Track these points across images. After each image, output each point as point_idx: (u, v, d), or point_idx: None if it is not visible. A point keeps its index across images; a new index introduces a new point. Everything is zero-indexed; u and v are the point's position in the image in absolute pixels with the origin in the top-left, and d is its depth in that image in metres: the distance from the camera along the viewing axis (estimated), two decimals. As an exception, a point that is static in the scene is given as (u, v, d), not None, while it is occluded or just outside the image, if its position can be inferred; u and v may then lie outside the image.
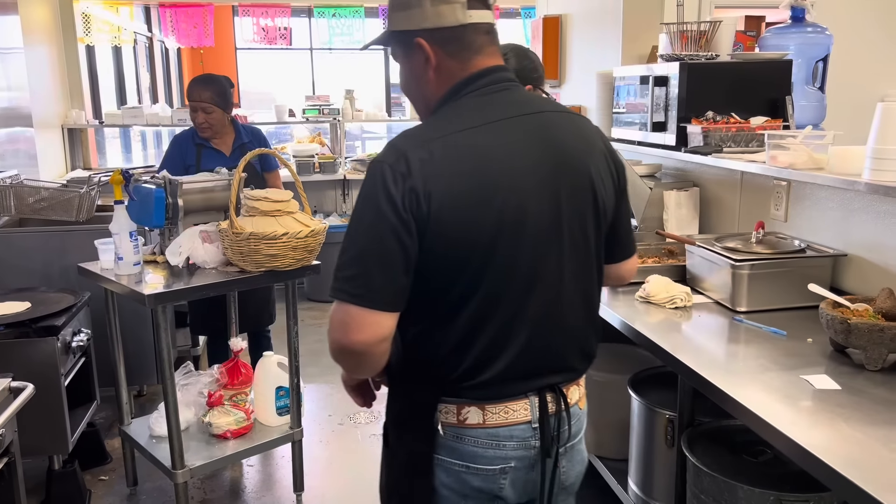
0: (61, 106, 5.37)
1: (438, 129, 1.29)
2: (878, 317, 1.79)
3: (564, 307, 1.35)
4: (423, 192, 1.21)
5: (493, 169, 1.26)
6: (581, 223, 1.35)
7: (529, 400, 1.34)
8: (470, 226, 1.24)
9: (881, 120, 1.87)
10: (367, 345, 1.25)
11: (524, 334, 1.31)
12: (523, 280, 1.29)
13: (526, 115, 1.33)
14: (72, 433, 2.84)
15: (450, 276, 1.26)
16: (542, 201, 1.29)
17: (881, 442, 1.42)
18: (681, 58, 2.86)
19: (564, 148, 1.33)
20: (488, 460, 1.34)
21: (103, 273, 2.71)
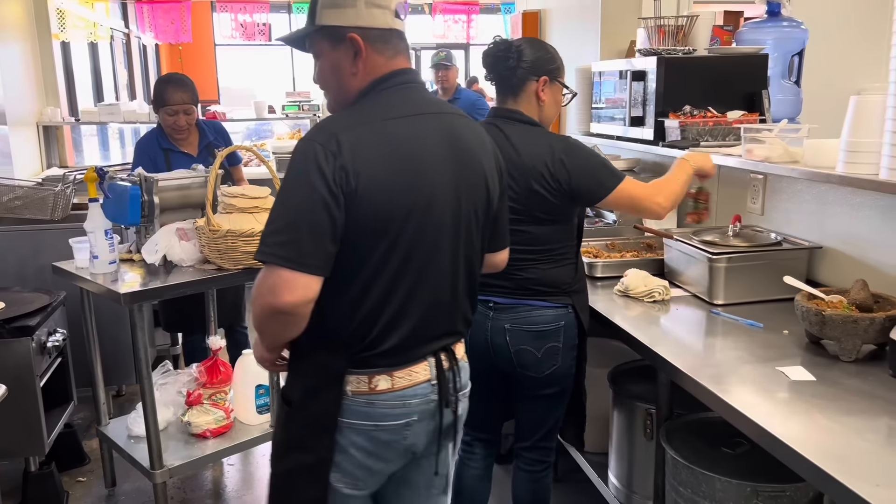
0: (36, 103, 5.29)
1: (365, 116, 1.44)
2: (851, 308, 1.80)
3: (456, 282, 1.54)
4: (352, 171, 1.36)
5: (411, 156, 1.43)
6: (475, 212, 1.54)
7: (428, 361, 1.53)
8: (389, 204, 1.40)
9: (854, 113, 1.88)
10: (296, 305, 1.36)
11: (423, 305, 1.48)
12: (425, 258, 1.46)
13: (433, 113, 1.51)
14: (48, 434, 2.80)
15: (368, 248, 1.41)
16: (447, 191, 1.47)
17: (855, 432, 1.43)
18: (658, 52, 2.87)
19: (464, 146, 1.51)
20: (395, 417, 1.51)
21: (78, 272, 2.67)
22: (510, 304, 2.09)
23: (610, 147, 3.32)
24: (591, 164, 2.05)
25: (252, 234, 2.51)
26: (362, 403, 1.48)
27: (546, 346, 2.08)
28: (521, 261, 2.05)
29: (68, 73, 5.97)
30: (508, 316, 2.09)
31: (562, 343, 2.09)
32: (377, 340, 1.45)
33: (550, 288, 2.09)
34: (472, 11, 8.46)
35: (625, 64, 3.10)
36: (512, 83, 2.10)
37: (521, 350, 2.09)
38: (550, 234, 2.08)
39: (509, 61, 2.07)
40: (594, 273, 2.55)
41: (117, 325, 3.45)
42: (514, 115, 2.11)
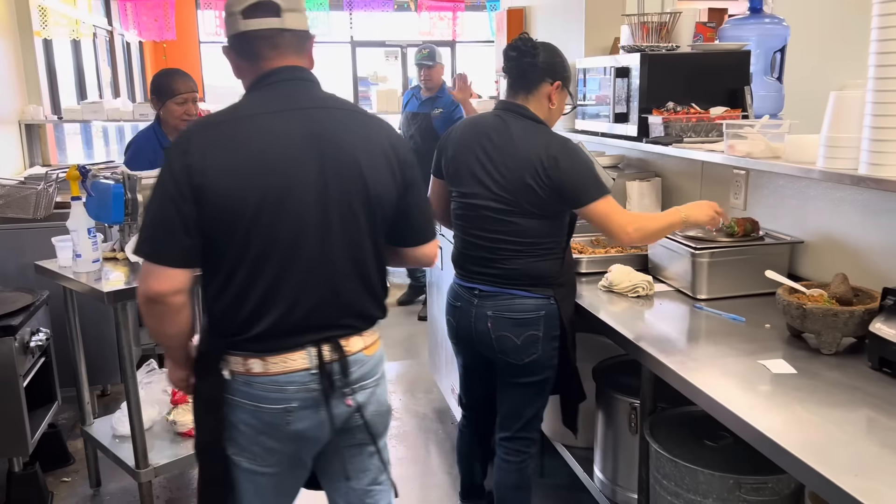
0: (18, 101, 5.24)
1: (227, 115, 1.56)
2: (832, 301, 1.82)
3: (333, 275, 1.59)
4: (198, 168, 1.46)
5: (261, 151, 1.51)
6: (349, 205, 1.58)
7: (307, 351, 1.58)
8: (236, 198, 1.48)
9: (834, 109, 1.90)
10: (163, 294, 1.50)
11: (291, 294, 1.55)
12: (286, 249, 1.53)
13: (304, 108, 1.57)
14: (32, 434, 2.78)
15: (224, 239, 1.51)
16: (308, 183, 1.53)
17: (835, 424, 1.45)
18: (642, 49, 2.89)
19: (334, 140, 1.56)
20: (273, 401, 1.59)
21: (61, 271, 2.65)
22: (493, 292, 2.18)
23: (595, 144, 3.33)
24: (582, 170, 2.10)
25: (237, 231, 2.50)
26: (241, 383, 1.59)
27: (526, 334, 2.16)
28: (508, 251, 2.16)
29: (51, 71, 5.91)
30: (491, 303, 2.18)
31: (542, 332, 2.17)
32: (246, 326, 1.55)
33: (534, 279, 2.17)
34: (458, 8, 8.46)
35: (609, 60, 3.11)
36: (529, 80, 2.17)
37: (501, 336, 2.18)
38: (538, 227, 2.14)
39: (533, 58, 2.14)
40: (579, 269, 2.56)
41: (101, 324, 3.43)
42: (522, 110, 2.18)
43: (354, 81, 8.64)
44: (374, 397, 1.71)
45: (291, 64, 1.60)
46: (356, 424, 1.70)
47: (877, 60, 1.70)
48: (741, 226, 2.31)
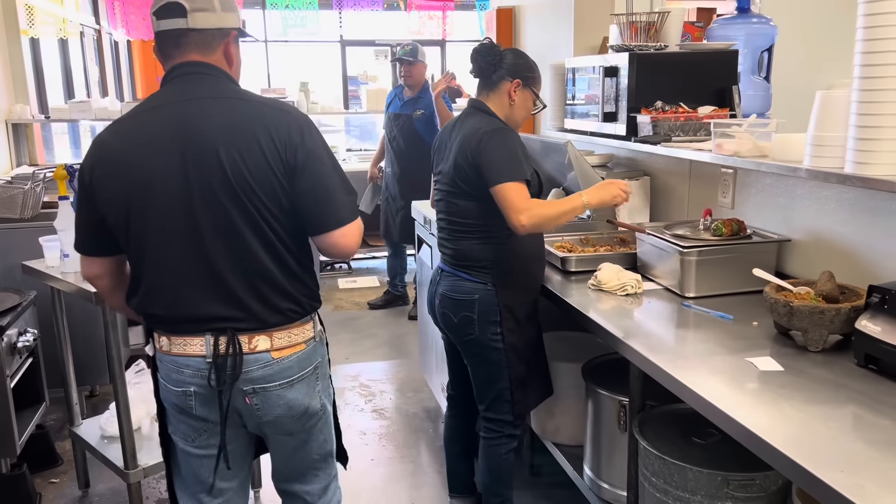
0: (5, 101, 5.20)
1: (122, 117, 1.69)
2: (818, 299, 1.84)
3: (211, 265, 1.62)
4: (87, 168, 1.63)
5: (131, 148, 1.60)
6: (213, 194, 1.60)
7: (205, 338, 1.64)
8: (111, 192, 1.62)
9: (820, 108, 1.91)
10: (88, 278, 1.81)
11: (172, 283, 1.64)
12: (159, 239, 1.62)
13: (179, 102, 1.63)
14: (19, 436, 2.77)
15: (115, 230, 1.66)
16: (171, 175, 1.59)
17: (820, 420, 1.46)
18: (630, 48, 2.90)
19: (196, 131, 1.59)
20: (175, 382, 1.70)
21: (49, 271, 2.64)
22: (448, 272, 2.43)
23: (584, 143, 3.34)
24: (501, 153, 2.22)
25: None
26: (160, 360, 1.74)
27: (461, 314, 2.37)
28: (454, 232, 2.39)
29: (38, 70, 5.87)
30: (445, 283, 2.43)
31: (476, 315, 2.34)
32: (144, 305, 1.69)
33: (473, 262, 2.36)
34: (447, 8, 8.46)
35: (598, 60, 3.12)
36: (490, 78, 2.37)
37: (444, 313, 2.44)
38: (474, 209, 2.31)
39: (493, 57, 2.34)
40: (568, 267, 2.57)
41: (90, 324, 3.42)
42: (480, 105, 2.38)
43: (344, 80, 8.62)
44: (280, 400, 1.71)
45: (192, 60, 1.66)
46: (264, 421, 1.73)
47: (862, 60, 1.71)
48: (728, 226, 2.33)
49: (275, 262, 1.66)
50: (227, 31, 1.69)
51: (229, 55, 1.71)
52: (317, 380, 1.79)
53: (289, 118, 1.66)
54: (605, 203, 2.30)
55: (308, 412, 1.79)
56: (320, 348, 1.82)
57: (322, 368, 1.82)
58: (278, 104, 1.71)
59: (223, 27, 1.68)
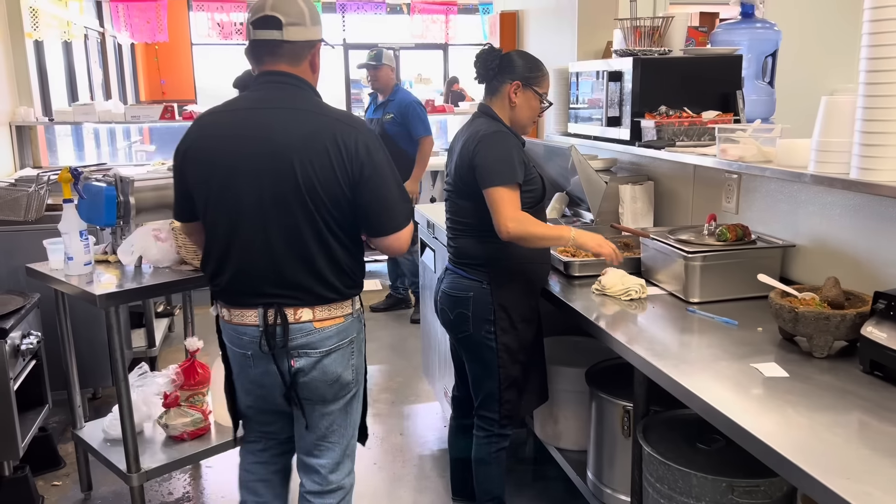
0: (9, 103, 5.21)
1: (217, 108, 1.96)
2: (824, 305, 1.83)
3: (272, 254, 1.87)
4: (184, 148, 1.92)
5: (222, 139, 1.87)
6: (283, 195, 1.83)
7: (258, 311, 1.91)
8: (197, 177, 1.91)
9: (825, 113, 1.91)
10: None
11: (236, 264, 1.91)
12: (230, 223, 1.88)
13: (266, 108, 1.87)
14: (22, 438, 2.77)
15: (198, 207, 1.95)
16: (249, 172, 1.84)
17: (826, 427, 1.46)
18: (634, 53, 2.90)
19: (278, 138, 1.83)
20: (237, 345, 2.00)
21: (53, 274, 2.64)
22: (450, 270, 2.47)
23: (587, 147, 3.34)
24: (496, 156, 2.24)
25: (229, 234, 2.50)
26: (221, 325, 2.05)
27: (456, 311, 2.41)
28: (455, 230, 2.44)
29: (42, 73, 5.89)
30: (447, 280, 2.48)
31: (471, 313, 2.37)
32: (212, 275, 1.97)
33: (470, 259, 2.39)
34: (451, 12, 8.46)
35: (601, 64, 3.12)
36: (491, 83, 2.40)
37: (442, 309, 2.49)
38: (472, 208, 2.34)
39: (491, 62, 2.36)
40: (571, 272, 2.56)
41: (93, 327, 3.42)
42: (486, 109, 2.40)
43: (347, 84, 8.63)
44: (318, 365, 1.96)
45: (280, 69, 1.89)
46: (302, 382, 1.97)
47: (867, 66, 1.71)
48: (732, 231, 2.33)
49: (326, 260, 1.90)
50: (314, 42, 1.93)
51: (314, 64, 1.97)
52: (352, 353, 2.02)
53: (357, 134, 1.87)
54: (589, 249, 2.33)
55: (340, 381, 2.01)
56: (357, 324, 2.04)
57: (357, 344, 2.04)
58: (349, 119, 1.92)
59: (311, 39, 1.92)
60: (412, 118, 4.80)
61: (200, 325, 4.92)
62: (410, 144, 4.82)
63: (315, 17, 1.93)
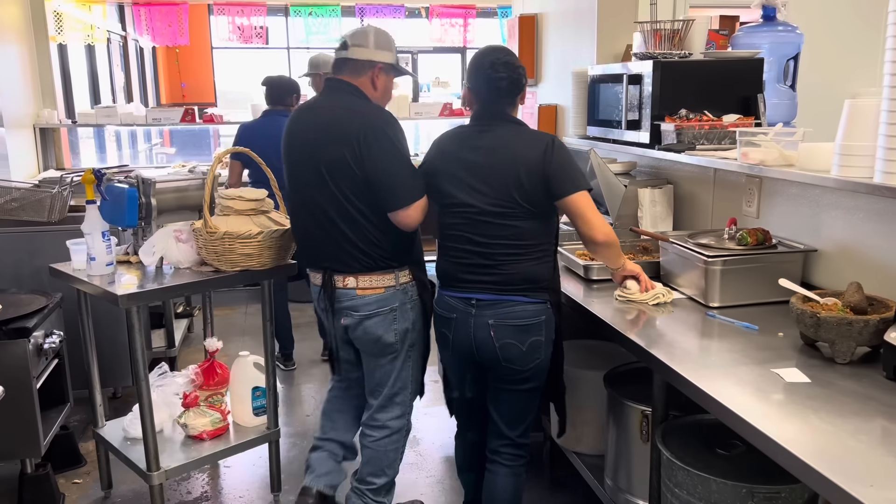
0: (33, 105, 5.29)
1: (308, 101, 2.52)
2: (846, 311, 1.81)
3: (323, 222, 2.33)
4: (285, 132, 2.43)
5: (301, 130, 2.37)
6: (315, 179, 2.29)
7: (319, 274, 2.40)
8: (285, 156, 2.41)
9: (848, 117, 1.89)
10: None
11: (299, 233, 2.47)
12: (299, 203, 2.40)
13: (328, 108, 2.34)
14: (44, 436, 2.80)
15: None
16: (312, 158, 2.30)
17: (849, 433, 1.44)
18: (654, 56, 2.89)
19: (334, 135, 2.26)
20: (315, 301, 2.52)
21: (75, 274, 2.67)
22: (493, 300, 2.18)
23: (607, 150, 3.33)
24: (571, 159, 2.16)
25: (249, 236, 2.52)
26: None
27: (530, 340, 2.18)
28: (506, 255, 2.17)
29: (65, 76, 5.97)
30: (491, 312, 2.18)
31: (544, 337, 2.21)
32: (297, 242, 2.56)
33: (531, 284, 2.18)
34: (469, 15, 8.47)
35: (621, 67, 3.11)
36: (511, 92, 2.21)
37: (506, 344, 2.18)
38: (533, 228, 2.16)
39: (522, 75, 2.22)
40: (590, 276, 2.56)
41: (114, 327, 3.45)
42: (507, 116, 2.22)
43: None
44: (361, 326, 2.37)
45: (341, 78, 2.37)
46: (353, 337, 2.42)
47: (891, 69, 1.69)
48: (753, 236, 2.31)
49: (355, 233, 2.30)
50: (374, 63, 2.35)
51: (374, 81, 2.37)
52: (394, 320, 2.38)
53: (367, 119, 2.26)
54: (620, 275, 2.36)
55: (381, 341, 2.39)
56: (400, 296, 2.37)
57: (402, 313, 2.38)
58: (365, 109, 2.31)
59: (372, 60, 2.34)
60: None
61: (220, 325, 4.95)
62: None
63: (382, 44, 2.36)
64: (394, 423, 2.51)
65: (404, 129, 2.33)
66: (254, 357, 2.99)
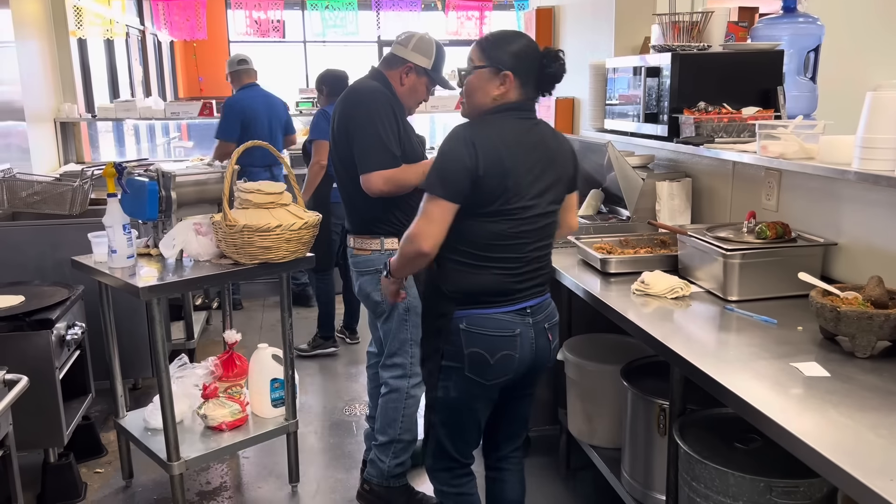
0: (53, 100, 5.35)
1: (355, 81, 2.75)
2: (867, 304, 1.80)
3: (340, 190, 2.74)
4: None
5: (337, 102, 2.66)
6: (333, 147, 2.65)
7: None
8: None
9: (870, 109, 1.87)
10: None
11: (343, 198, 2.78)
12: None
13: (358, 86, 2.62)
14: (67, 426, 2.84)
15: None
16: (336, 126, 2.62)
17: (869, 428, 1.44)
18: (673, 48, 2.87)
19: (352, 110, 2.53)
20: None
21: (97, 266, 2.71)
22: (539, 304, 2.09)
23: (624, 143, 3.31)
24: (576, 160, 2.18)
25: (268, 228, 2.54)
26: None
27: (557, 336, 2.18)
28: (547, 251, 2.11)
29: (85, 70, 6.03)
30: (542, 315, 2.09)
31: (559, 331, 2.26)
32: None
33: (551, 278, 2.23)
34: (486, 8, 8.45)
35: (639, 60, 3.09)
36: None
37: (557, 344, 2.18)
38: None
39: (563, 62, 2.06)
40: (607, 269, 2.55)
41: (134, 319, 3.50)
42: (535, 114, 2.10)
43: (381, 80, 8.66)
44: (358, 282, 2.67)
45: (378, 69, 2.64)
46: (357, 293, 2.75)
47: (915, 61, 1.67)
48: (772, 229, 2.29)
49: (346, 196, 2.64)
50: (406, 62, 2.58)
51: (402, 78, 2.60)
52: (367, 277, 2.63)
53: (356, 95, 2.55)
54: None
55: (370, 299, 2.65)
56: (384, 260, 2.32)
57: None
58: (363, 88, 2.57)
59: (405, 59, 2.58)
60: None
61: (238, 318, 4.99)
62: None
63: (422, 49, 2.58)
64: (393, 381, 2.71)
65: (420, 121, 2.43)
66: (272, 349, 3.02)
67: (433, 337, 2.09)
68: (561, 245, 2.85)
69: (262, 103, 4.99)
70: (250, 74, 5.07)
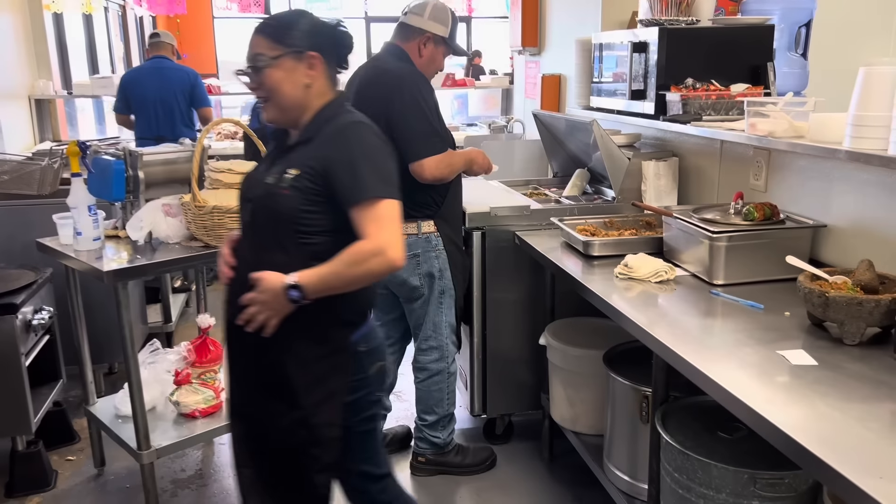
0: (28, 76, 5.20)
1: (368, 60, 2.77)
2: (856, 290, 1.73)
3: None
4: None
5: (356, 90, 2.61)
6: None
7: None
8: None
9: (862, 86, 1.79)
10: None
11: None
12: None
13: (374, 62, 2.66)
14: (35, 413, 2.76)
15: None
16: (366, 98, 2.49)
17: (857, 419, 1.37)
18: (660, 23, 2.78)
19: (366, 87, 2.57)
20: None
21: (62, 249, 2.61)
22: None
23: (610, 122, 3.23)
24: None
25: (239, 210, 2.44)
26: None
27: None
28: None
29: (61, 46, 5.87)
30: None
31: None
32: None
33: None
34: (474, -17, 8.31)
35: (626, 35, 3.00)
36: None
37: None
38: None
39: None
40: (590, 252, 2.47)
41: (107, 302, 3.38)
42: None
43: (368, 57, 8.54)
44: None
45: (393, 42, 2.60)
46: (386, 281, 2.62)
47: (911, 33, 1.59)
48: (760, 211, 2.22)
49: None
50: (424, 31, 2.54)
51: (421, 49, 2.56)
52: (417, 265, 2.61)
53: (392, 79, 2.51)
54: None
55: (407, 284, 2.64)
56: (423, 244, 2.59)
57: (425, 259, 2.61)
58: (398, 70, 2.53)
59: (423, 28, 2.54)
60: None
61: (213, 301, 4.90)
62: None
63: (437, 17, 2.53)
64: (433, 365, 2.78)
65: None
66: (247, 334, 2.93)
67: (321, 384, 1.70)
68: (544, 226, 2.80)
69: (150, 76, 4.91)
70: (157, 48, 5.07)
